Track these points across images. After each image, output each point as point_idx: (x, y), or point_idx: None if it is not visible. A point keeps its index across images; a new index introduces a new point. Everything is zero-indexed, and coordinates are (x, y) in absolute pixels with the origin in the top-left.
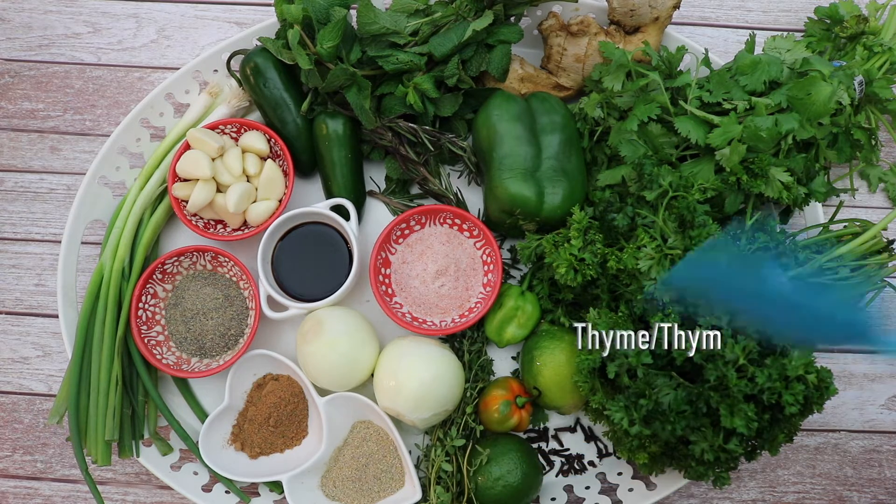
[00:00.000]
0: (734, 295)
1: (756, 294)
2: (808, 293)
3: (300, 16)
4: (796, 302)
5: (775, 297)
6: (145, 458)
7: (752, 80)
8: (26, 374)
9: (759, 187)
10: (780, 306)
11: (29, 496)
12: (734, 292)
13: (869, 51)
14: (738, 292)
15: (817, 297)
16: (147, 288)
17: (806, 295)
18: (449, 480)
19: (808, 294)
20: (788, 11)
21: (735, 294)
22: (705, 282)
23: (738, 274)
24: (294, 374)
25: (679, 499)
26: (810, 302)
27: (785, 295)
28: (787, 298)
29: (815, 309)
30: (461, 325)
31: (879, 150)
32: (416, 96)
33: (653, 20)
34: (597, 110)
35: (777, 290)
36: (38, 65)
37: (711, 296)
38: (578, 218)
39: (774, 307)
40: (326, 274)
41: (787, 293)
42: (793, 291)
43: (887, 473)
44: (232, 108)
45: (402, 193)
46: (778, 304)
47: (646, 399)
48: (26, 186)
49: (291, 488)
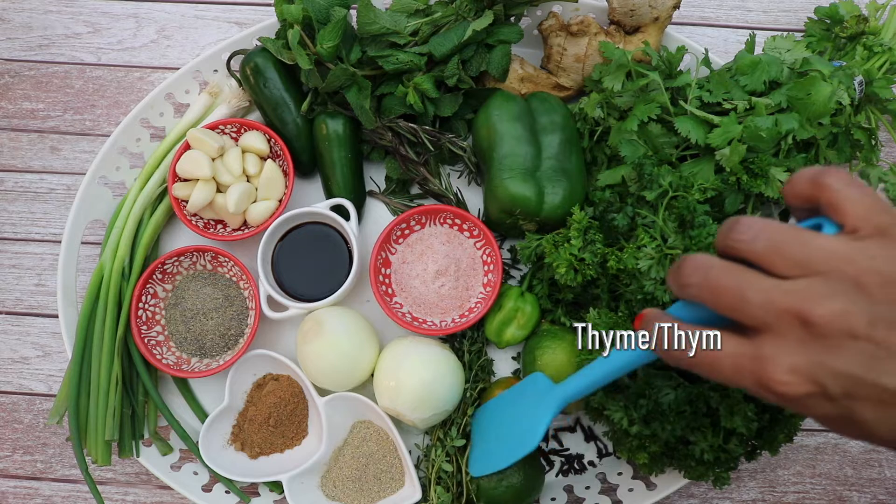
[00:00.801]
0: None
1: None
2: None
3: (300, 16)
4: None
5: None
6: (145, 458)
7: (752, 80)
8: (26, 374)
9: (759, 187)
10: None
11: (29, 496)
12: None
13: (869, 51)
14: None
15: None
16: (147, 288)
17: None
18: (449, 480)
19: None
20: (788, 11)
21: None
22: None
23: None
24: (294, 374)
25: (679, 499)
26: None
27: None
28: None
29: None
30: (461, 325)
31: (879, 150)
32: (416, 96)
33: (653, 20)
34: (597, 110)
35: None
36: (38, 65)
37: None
38: (578, 218)
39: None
40: (326, 274)
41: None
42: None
43: (887, 473)
44: (232, 108)
45: (402, 193)
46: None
47: (646, 399)
48: (26, 186)
49: (291, 488)
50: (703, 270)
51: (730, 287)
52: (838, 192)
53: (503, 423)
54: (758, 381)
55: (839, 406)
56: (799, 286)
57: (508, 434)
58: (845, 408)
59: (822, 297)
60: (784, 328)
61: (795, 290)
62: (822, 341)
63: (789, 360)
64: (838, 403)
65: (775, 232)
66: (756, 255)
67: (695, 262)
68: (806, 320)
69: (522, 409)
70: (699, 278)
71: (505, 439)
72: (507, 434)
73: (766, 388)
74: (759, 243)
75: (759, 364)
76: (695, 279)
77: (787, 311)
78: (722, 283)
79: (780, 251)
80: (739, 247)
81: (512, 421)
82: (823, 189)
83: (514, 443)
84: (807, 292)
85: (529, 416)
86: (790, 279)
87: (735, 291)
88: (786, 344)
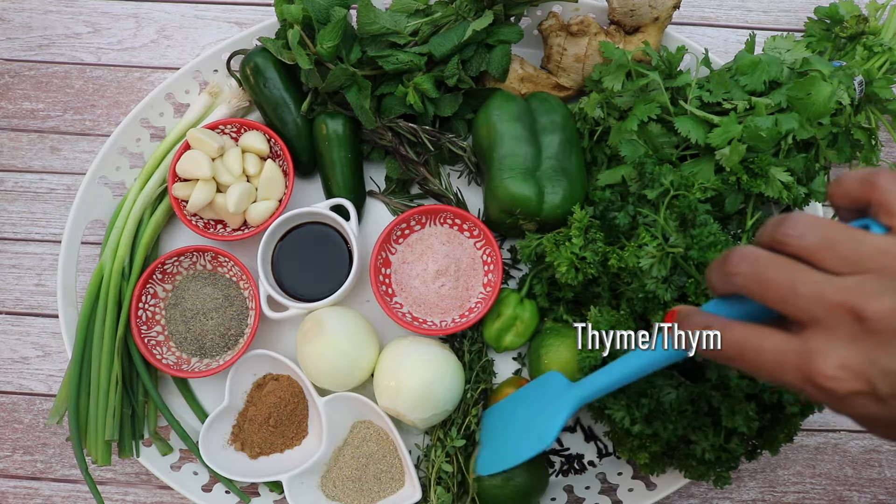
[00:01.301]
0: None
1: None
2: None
3: (300, 16)
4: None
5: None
6: (145, 458)
7: (752, 80)
8: (26, 374)
9: (759, 187)
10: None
11: (29, 496)
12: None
13: (869, 51)
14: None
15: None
16: (147, 288)
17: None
18: (449, 481)
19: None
20: (788, 11)
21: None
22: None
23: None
24: (294, 374)
25: (679, 499)
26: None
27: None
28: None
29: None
30: (461, 325)
31: (879, 150)
32: (416, 96)
33: (653, 20)
34: (597, 110)
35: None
36: (38, 65)
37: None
38: (579, 217)
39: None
40: (326, 274)
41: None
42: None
43: (887, 473)
44: (232, 108)
45: (402, 193)
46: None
47: (647, 398)
48: (26, 186)
49: (291, 488)
50: (752, 261)
51: (780, 279)
52: (891, 192)
53: (515, 421)
54: (804, 375)
55: (888, 407)
56: (851, 282)
57: (521, 432)
58: (894, 409)
59: (875, 293)
60: (835, 323)
61: (848, 286)
62: (875, 338)
63: (839, 356)
64: (887, 404)
65: (827, 228)
66: (806, 250)
67: (743, 253)
68: (859, 315)
69: (537, 407)
70: (748, 268)
71: (517, 438)
72: (520, 432)
73: (812, 382)
74: (810, 239)
75: (805, 358)
76: (743, 268)
77: (840, 305)
78: (771, 275)
79: (831, 247)
80: (789, 241)
81: (525, 419)
82: (875, 189)
83: (527, 441)
84: (860, 288)
85: (544, 415)
86: (842, 275)
87: (785, 283)
88: (836, 339)
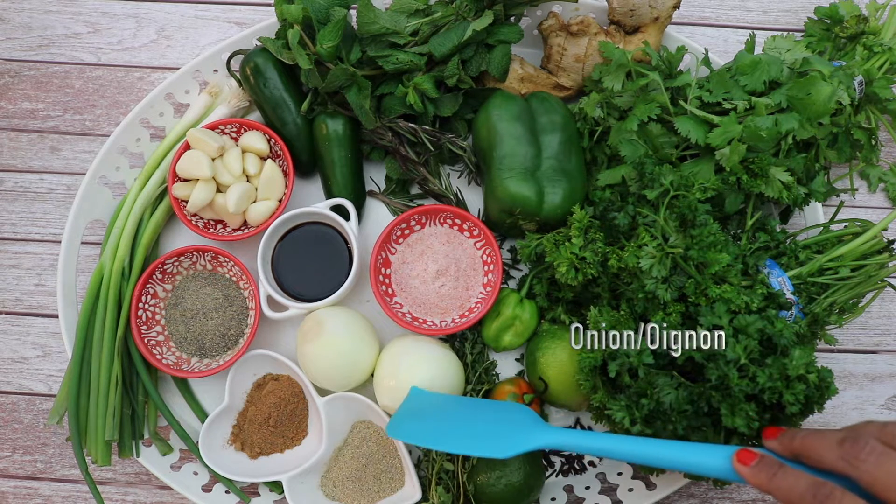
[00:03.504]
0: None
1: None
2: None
3: (300, 16)
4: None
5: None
6: (145, 458)
7: (752, 80)
8: (26, 374)
9: (759, 187)
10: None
11: (29, 496)
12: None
13: (869, 51)
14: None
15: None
16: (147, 288)
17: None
18: (450, 481)
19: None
20: (788, 11)
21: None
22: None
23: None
24: (294, 374)
25: (679, 499)
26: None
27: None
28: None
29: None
30: (461, 325)
31: (879, 150)
32: (416, 96)
33: (653, 20)
34: (597, 110)
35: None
36: (38, 65)
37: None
38: (579, 217)
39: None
40: (326, 274)
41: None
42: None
43: None
44: (232, 108)
45: (402, 193)
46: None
47: (647, 398)
48: (26, 186)
49: (291, 488)
50: (876, 456)
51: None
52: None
53: (468, 417)
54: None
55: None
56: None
57: (473, 429)
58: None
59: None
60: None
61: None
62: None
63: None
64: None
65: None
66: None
67: (873, 447)
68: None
69: (503, 422)
70: (875, 459)
71: (464, 430)
72: (471, 428)
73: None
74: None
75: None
76: (872, 459)
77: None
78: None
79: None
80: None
81: (486, 424)
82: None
83: (478, 440)
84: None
85: (510, 434)
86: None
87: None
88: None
